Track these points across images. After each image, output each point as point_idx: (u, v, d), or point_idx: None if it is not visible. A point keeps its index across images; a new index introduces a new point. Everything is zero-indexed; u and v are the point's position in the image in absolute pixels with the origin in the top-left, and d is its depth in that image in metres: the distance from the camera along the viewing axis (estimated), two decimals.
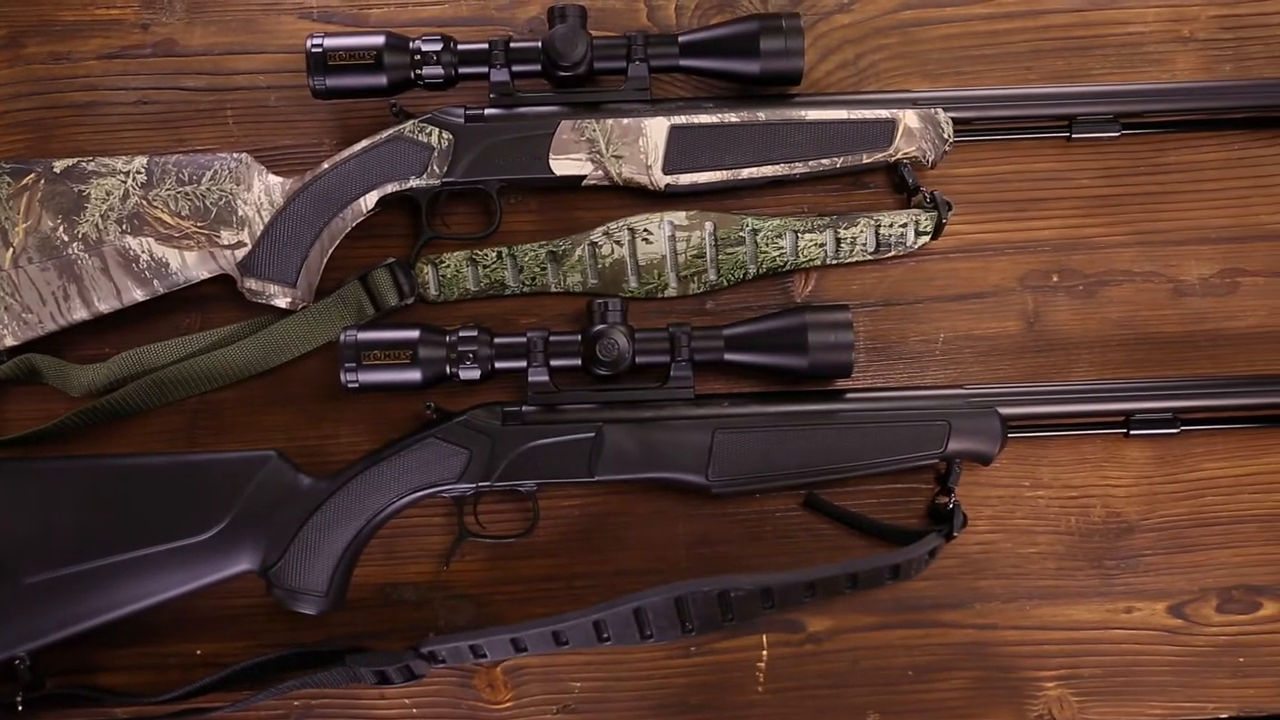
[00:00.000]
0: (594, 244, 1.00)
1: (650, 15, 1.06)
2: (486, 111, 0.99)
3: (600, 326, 0.94)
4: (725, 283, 1.01)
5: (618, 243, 1.00)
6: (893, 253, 1.01)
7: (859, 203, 1.04)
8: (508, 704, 0.98)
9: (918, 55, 1.06)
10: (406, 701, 0.98)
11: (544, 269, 1.01)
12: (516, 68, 0.98)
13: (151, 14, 1.06)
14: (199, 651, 0.99)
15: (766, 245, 1.00)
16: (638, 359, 0.94)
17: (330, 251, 0.99)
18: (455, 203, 1.03)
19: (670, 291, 1.01)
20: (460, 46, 0.98)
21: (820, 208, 1.03)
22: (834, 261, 1.01)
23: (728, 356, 0.95)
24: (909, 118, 0.99)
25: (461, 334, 0.94)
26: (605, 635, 0.94)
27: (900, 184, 1.02)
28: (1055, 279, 1.03)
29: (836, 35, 1.06)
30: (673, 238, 1.00)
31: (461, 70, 0.98)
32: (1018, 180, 1.04)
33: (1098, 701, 0.99)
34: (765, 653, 0.99)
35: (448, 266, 1.01)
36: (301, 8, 1.06)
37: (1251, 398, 0.98)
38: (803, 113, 0.99)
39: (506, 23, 1.06)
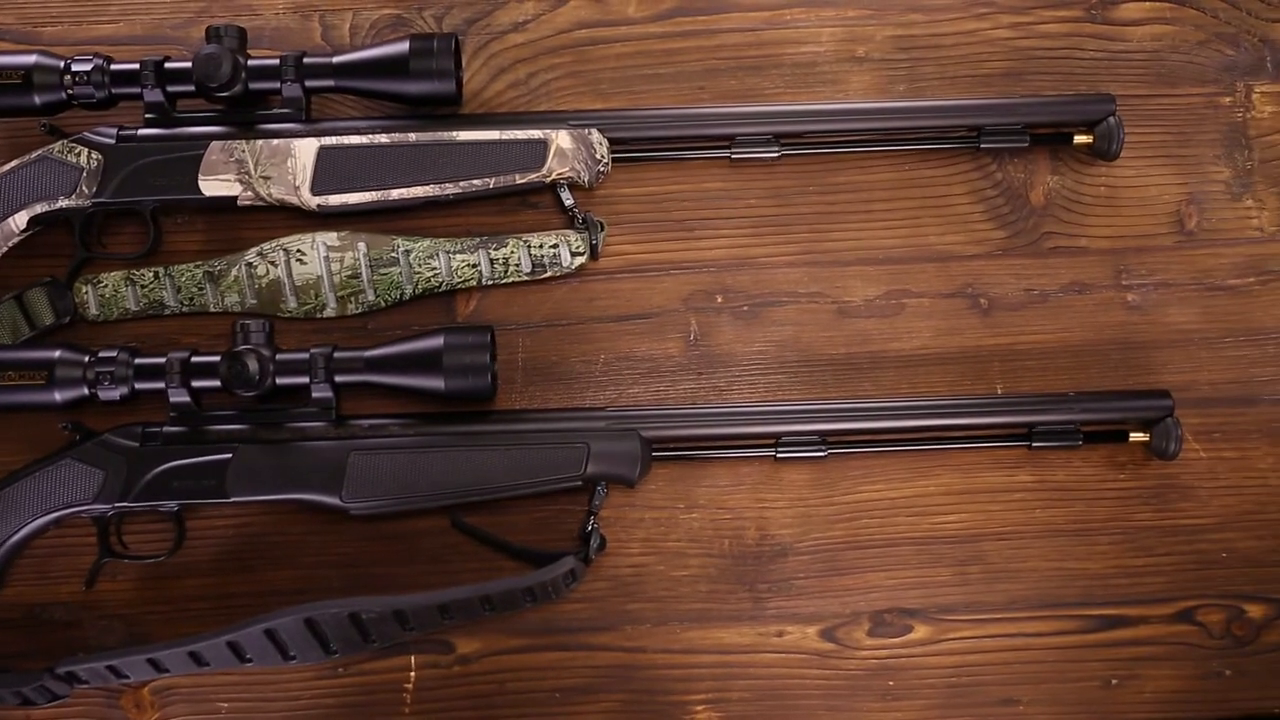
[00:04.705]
0: (249, 264, 1.07)
1: (325, 35, 1.14)
2: (140, 131, 1.07)
3: (239, 348, 1.01)
4: (383, 303, 1.08)
5: (273, 263, 1.07)
6: (549, 273, 1.08)
7: (527, 223, 1.11)
8: None
9: (590, 74, 1.13)
10: None
11: (202, 289, 1.08)
12: (172, 88, 1.06)
13: None
14: None
15: (420, 266, 1.07)
16: (278, 380, 1.01)
17: None
18: (119, 222, 1.10)
19: (329, 312, 1.08)
20: (113, 67, 1.05)
21: (490, 228, 1.10)
22: (490, 282, 1.08)
23: (370, 378, 1.02)
24: (561, 138, 1.06)
25: (101, 354, 1.01)
26: (247, 656, 1.01)
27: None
28: (720, 299, 1.10)
29: (509, 54, 1.13)
30: (327, 258, 1.07)
31: (116, 90, 1.05)
32: (685, 200, 1.11)
33: None
34: (413, 674, 1.06)
35: (105, 286, 1.08)
36: None
37: (898, 421, 1.05)
38: (454, 133, 1.06)
39: (181, 41, 1.13)
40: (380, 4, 1.14)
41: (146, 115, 1.07)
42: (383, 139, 1.06)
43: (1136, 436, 1.06)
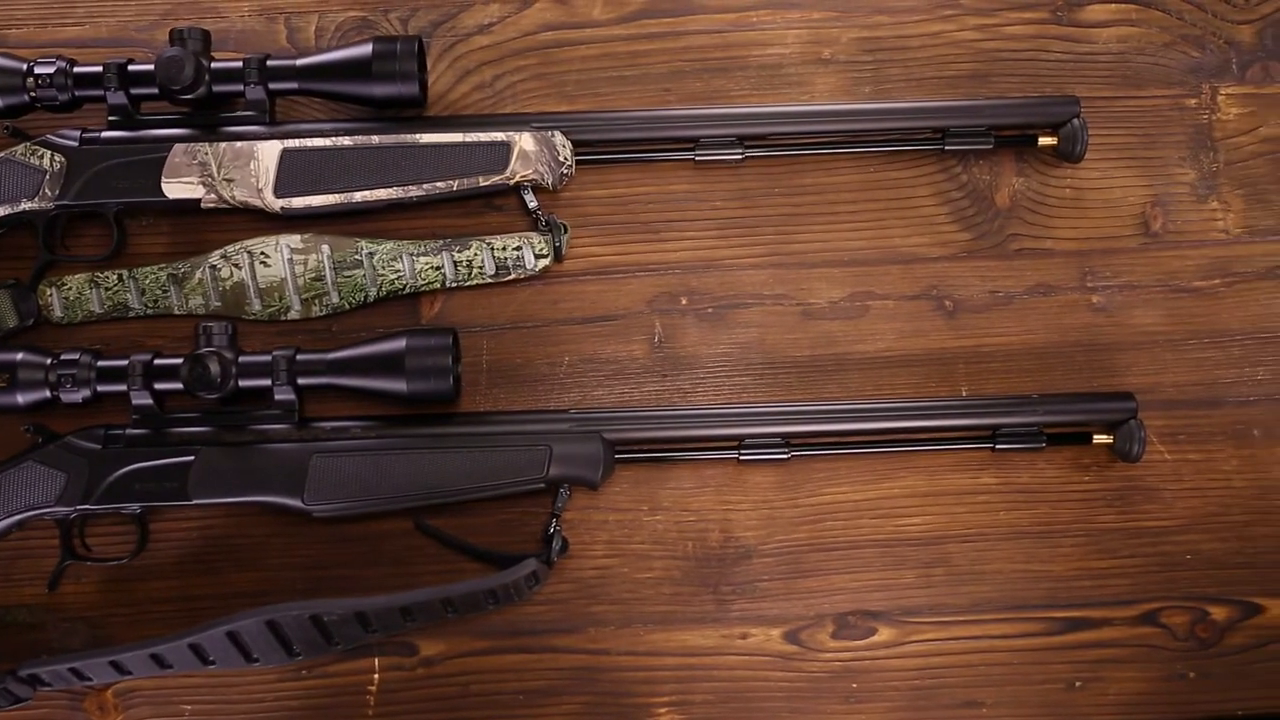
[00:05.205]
0: (213, 267, 1.08)
1: (290, 37, 1.14)
2: (103, 134, 1.07)
3: (201, 351, 1.01)
4: (348, 305, 1.08)
5: (236, 265, 1.07)
6: (513, 275, 1.08)
7: (492, 225, 1.11)
8: None
9: (555, 77, 1.13)
10: None
11: (166, 291, 1.08)
12: (135, 90, 1.06)
13: None
14: None
15: (383, 268, 1.07)
16: (241, 383, 1.02)
17: None
18: (83, 224, 1.10)
19: (293, 314, 1.08)
20: (76, 69, 1.06)
21: (455, 230, 1.11)
22: (454, 284, 1.08)
23: (332, 380, 1.03)
24: (524, 140, 1.07)
25: (64, 357, 1.02)
26: (210, 659, 1.02)
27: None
28: (684, 301, 1.10)
29: (474, 57, 1.13)
30: (291, 260, 1.07)
31: (79, 93, 1.06)
32: (650, 202, 1.11)
33: None
34: (377, 676, 1.06)
35: (69, 289, 1.08)
36: None
37: (862, 423, 1.05)
38: (417, 136, 1.06)
39: (146, 44, 1.14)
40: (346, 6, 1.14)
41: (110, 118, 1.07)
42: (346, 142, 1.06)
43: (1100, 439, 1.06)
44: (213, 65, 1.05)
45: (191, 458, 1.03)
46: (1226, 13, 1.15)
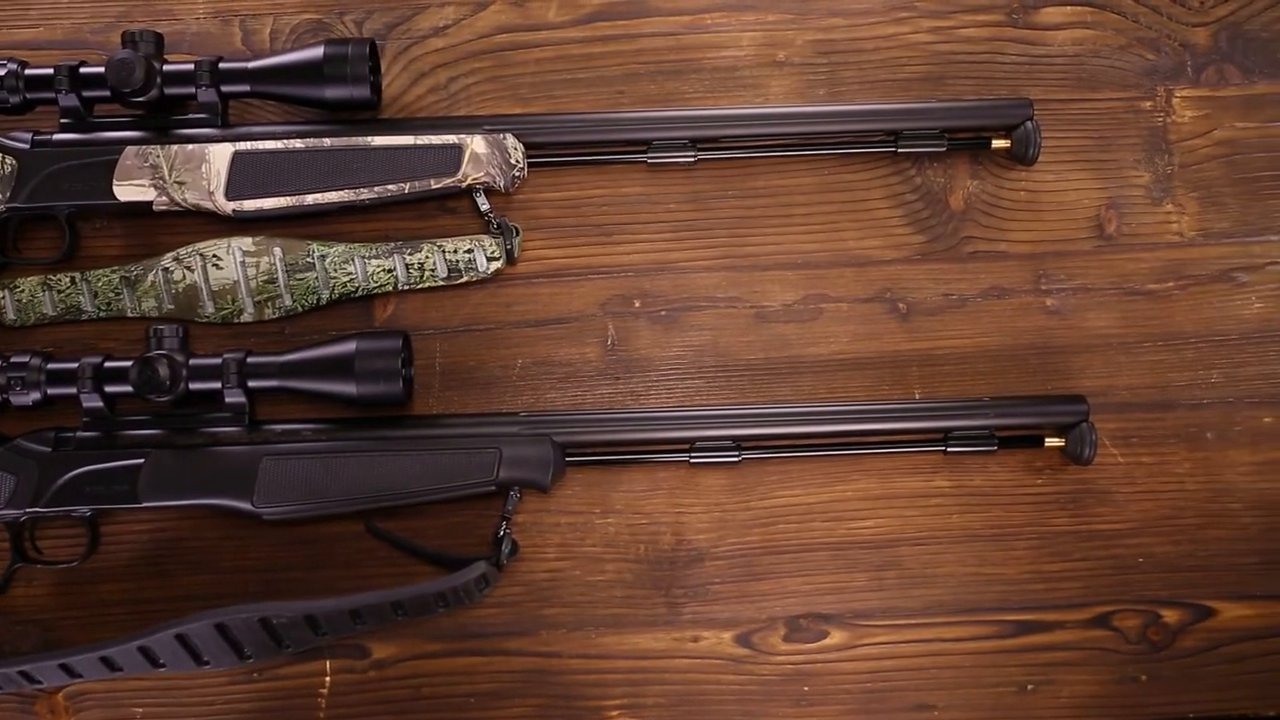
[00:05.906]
0: (166, 270, 1.08)
1: (245, 40, 1.14)
2: (55, 136, 1.07)
3: (151, 353, 1.01)
4: (300, 308, 1.09)
5: (189, 268, 1.08)
6: (465, 278, 1.09)
7: (446, 228, 1.11)
8: None
9: (510, 79, 1.13)
10: None
11: (119, 294, 1.09)
12: (87, 93, 1.06)
13: None
14: None
15: (335, 271, 1.07)
16: (191, 385, 1.02)
17: None
18: (36, 227, 1.11)
19: (247, 317, 1.09)
20: (27, 71, 1.06)
21: (408, 233, 1.11)
22: (406, 287, 1.08)
23: (283, 383, 1.03)
24: (476, 143, 1.07)
25: (13, 360, 1.02)
26: (160, 661, 1.02)
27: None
28: (637, 304, 1.11)
29: (429, 59, 1.14)
30: (243, 263, 1.07)
31: (30, 95, 1.06)
32: (603, 205, 1.12)
33: None
34: (328, 679, 1.07)
35: (22, 291, 1.09)
36: None
37: (814, 426, 1.06)
38: (369, 139, 1.07)
39: (101, 46, 1.14)
40: (301, 9, 1.15)
41: (62, 120, 1.08)
42: (297, 144, 1.07)
43: (1052, 442, 1.07)
44: (164, 68, 1.06)
45: (142, 460, 1.03)
46: (1181, 15, 1.15)
